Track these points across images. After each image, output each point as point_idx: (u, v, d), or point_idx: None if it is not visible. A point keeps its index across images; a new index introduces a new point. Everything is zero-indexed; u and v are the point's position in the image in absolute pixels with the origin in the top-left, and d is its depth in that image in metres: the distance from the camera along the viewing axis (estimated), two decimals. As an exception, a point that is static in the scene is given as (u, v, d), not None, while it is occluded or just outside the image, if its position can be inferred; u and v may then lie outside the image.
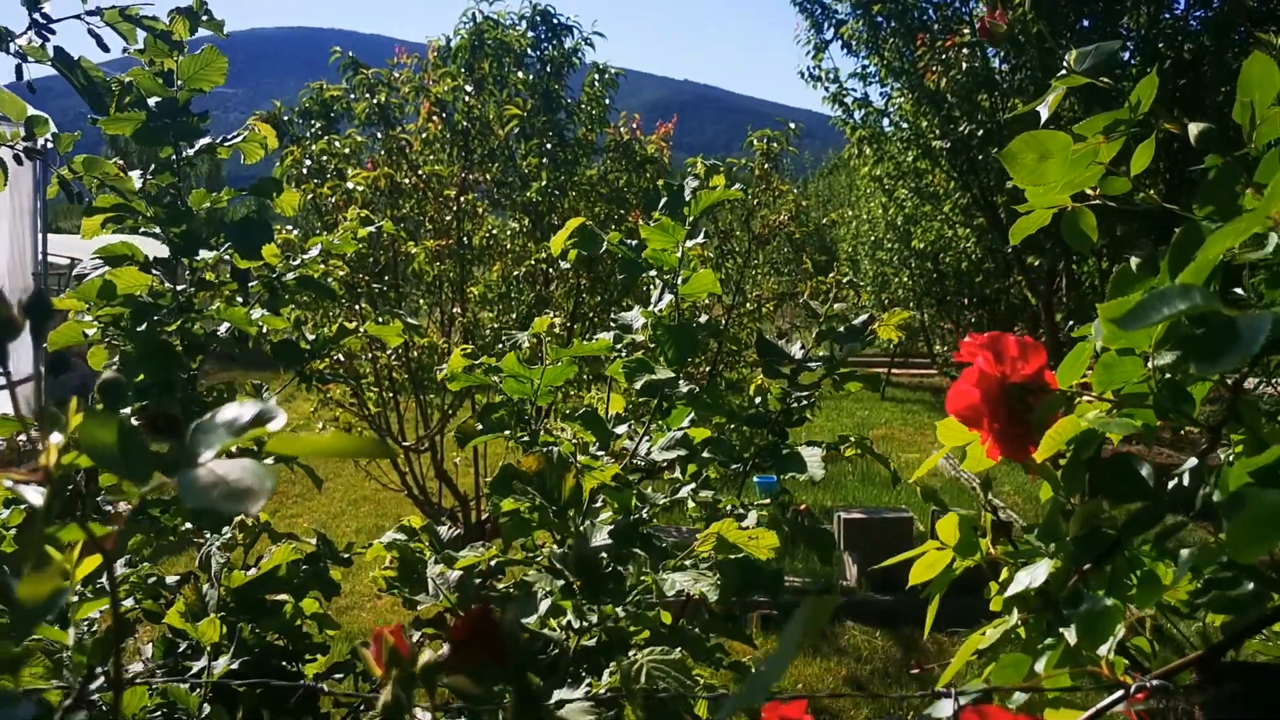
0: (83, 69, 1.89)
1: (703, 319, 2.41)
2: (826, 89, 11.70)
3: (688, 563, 1.91)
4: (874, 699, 6.38)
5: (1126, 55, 10.85)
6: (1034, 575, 0.89)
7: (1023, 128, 1.14)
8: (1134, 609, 0.84)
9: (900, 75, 10.93)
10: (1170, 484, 0.84)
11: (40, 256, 13.44)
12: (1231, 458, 0.91)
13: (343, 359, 6.06)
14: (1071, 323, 10.44)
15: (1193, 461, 0.84)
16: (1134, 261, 0.96)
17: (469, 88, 6.38)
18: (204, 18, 2.40)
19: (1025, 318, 15.11)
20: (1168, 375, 0.86)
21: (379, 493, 9.46)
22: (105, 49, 1.95)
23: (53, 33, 1.86)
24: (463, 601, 1.69)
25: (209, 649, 1.89)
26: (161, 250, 2.51)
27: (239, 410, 0.55)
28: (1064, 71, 1.03)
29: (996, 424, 0.87)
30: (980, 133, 10.24)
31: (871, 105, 11.85)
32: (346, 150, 6.39)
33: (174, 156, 2.47)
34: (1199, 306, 0.66)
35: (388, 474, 6.93)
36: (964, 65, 9.74)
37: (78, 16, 1.87)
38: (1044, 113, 1.09)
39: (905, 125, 11.34)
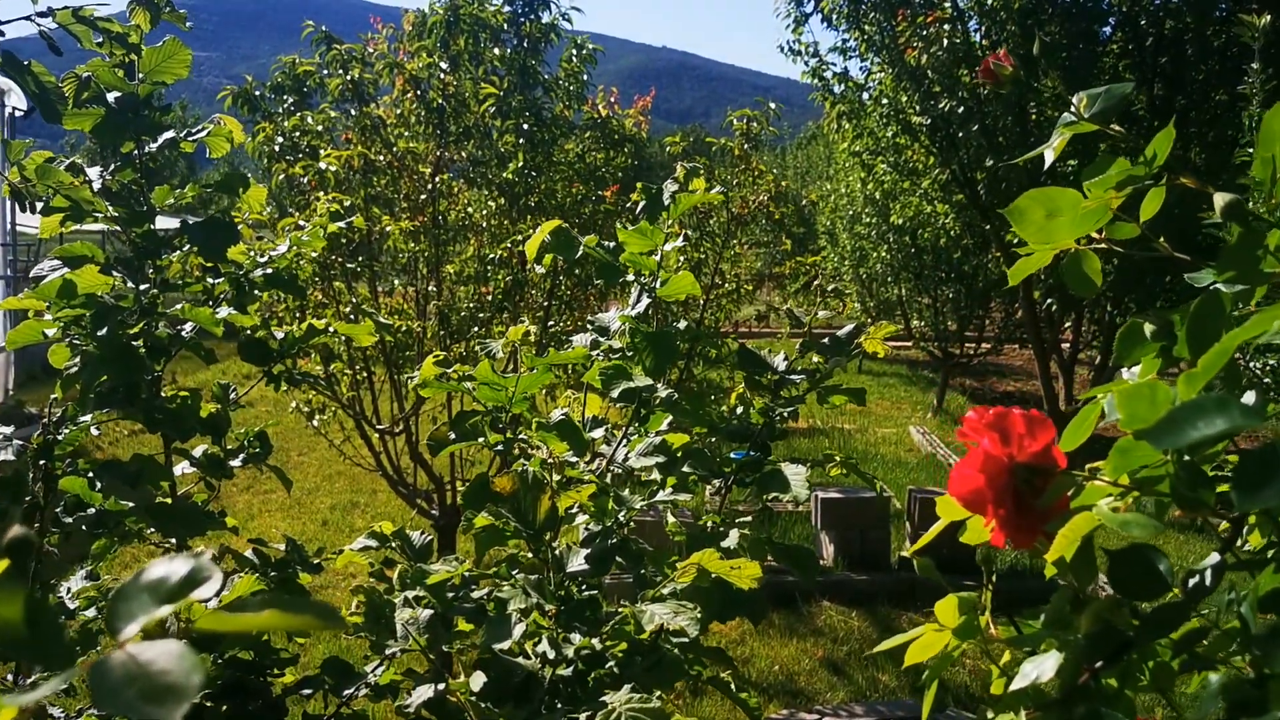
0: (34, 74, 1.80)
1: (680, 324, 2.35)
2: (806, 63, 11.59)
3: (666, 590, 1.85)
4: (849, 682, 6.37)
5: (1108, 30, 10.80)
6: (1041, 669, 0.84)
7: (1021, 172, 1.07)
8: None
9: (880, 50, 10.84)
10: (1191, 581, 0.78)
11: (9, 227, 13.25)
12: (1248, 544, 0.86)
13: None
14: (1050, 300, 10.39)
15: (1215, 557, 0.78)
16: (1148, 328, 0.90)
17: (444, 65, 6.25)
18: (166, 9, 2.30)
19: (1003, 293, 15.12)
20: (1186, 457, 0.81)
21: (353, 467, 9.38)
22: (58, 52, 1.85)
23: (0, 34, 1.77)
24: (432, 644, 1.63)
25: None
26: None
27: (168, 569, 0.48)
28: (1071, 118, 0.96)
29: (1002, 510, 0.81)
30: (960, 109, 10.17)
31: (851, 80, 11.75)
32: (319, 128, 6.26)
33: (136, 152, 2.38)
34: (1239, 425, 0.61)
35: (361, 452, 6.84)
36: (944, 41, 9.65)
37: (28, 18, 1.78)
38: (1049, 156, 1.03)
39: (885, 101, 11.25)
